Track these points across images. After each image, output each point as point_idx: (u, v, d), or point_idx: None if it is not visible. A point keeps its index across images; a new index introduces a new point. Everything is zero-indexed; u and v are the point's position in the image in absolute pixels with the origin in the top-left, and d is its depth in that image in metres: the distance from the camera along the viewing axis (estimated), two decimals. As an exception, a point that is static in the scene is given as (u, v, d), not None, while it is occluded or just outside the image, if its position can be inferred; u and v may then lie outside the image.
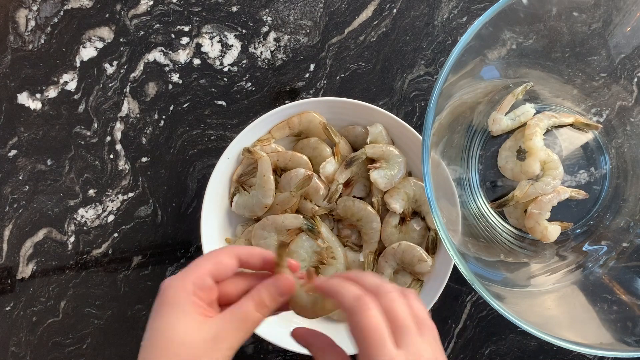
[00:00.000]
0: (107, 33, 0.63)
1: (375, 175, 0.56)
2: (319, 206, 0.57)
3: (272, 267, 0.40)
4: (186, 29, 0.63)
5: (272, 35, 0.63)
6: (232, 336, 0.37)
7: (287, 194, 0.56)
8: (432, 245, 0.57)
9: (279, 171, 0.58)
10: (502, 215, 0.59)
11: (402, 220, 0.58)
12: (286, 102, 0.62)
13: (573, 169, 0.58)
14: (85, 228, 0.61)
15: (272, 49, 0.63)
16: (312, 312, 0.40)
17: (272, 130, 0.58)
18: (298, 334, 0.41)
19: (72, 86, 0.62)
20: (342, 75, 0.63)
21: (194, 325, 0.36)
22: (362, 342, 0.34)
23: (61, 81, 0.62)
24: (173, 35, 0.63)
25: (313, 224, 0.57)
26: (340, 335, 0.41)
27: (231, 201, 0.58)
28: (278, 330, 0.55)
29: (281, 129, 0.58)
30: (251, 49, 0.63)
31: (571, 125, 0.58)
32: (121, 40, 0.62)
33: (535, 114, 0.58)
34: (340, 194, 0.58)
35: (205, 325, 0.36)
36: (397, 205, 0.56)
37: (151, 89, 0.62)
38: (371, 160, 0.58)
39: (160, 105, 0.62)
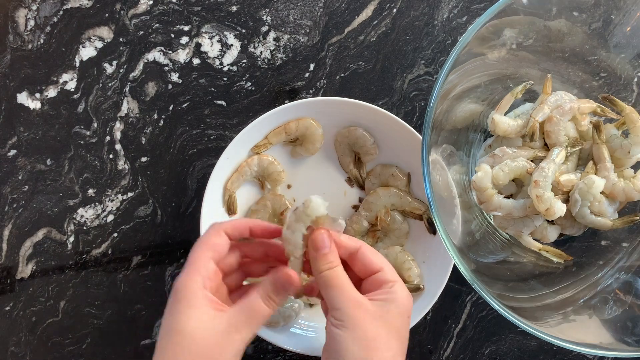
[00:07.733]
0: (106, 33, 0.62)
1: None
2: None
3: (262, 234, 0.43)
4: (186, 28, 0.63)
5: (272, 34, 0.63)
6: (243, 329, 0.39)
7: None
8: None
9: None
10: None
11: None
12: (286, 101, 0.62)
13: (573, 169, 0.58)
14: (84, 228, 0.61)
15: (272, 48, 0.63)
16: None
17: (269, 136, 0.58)
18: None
19: (71, 86, 0.62)
20: (342, 75, 0.63)
21: (206, 319, 0.38)
22: None
23: (61, 81, 0.62)
24: (173, 35, 0.63)
25: None
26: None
27: (228, 211, 0.58)
28: (278, 330, 0.55)
29: (278, 134, 0.58)
30: (251, 49, 0.63)
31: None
32: (121, 39, 0.62)
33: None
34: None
35: (218, 319, 0.38)
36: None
37: (151, 88, 0.62)
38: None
39: (160, 105, 0.62)
